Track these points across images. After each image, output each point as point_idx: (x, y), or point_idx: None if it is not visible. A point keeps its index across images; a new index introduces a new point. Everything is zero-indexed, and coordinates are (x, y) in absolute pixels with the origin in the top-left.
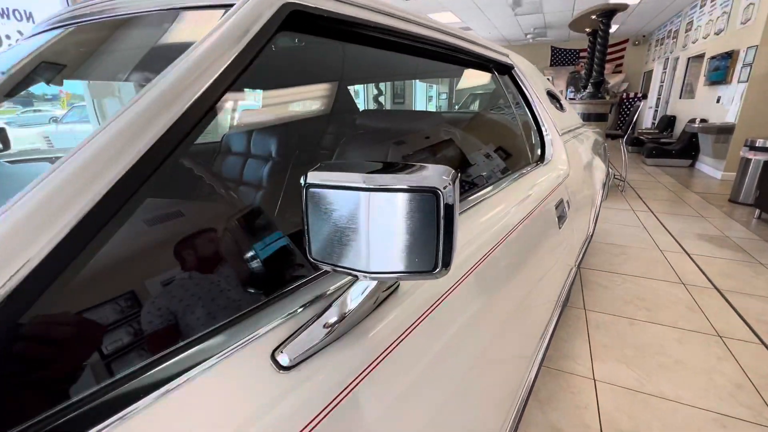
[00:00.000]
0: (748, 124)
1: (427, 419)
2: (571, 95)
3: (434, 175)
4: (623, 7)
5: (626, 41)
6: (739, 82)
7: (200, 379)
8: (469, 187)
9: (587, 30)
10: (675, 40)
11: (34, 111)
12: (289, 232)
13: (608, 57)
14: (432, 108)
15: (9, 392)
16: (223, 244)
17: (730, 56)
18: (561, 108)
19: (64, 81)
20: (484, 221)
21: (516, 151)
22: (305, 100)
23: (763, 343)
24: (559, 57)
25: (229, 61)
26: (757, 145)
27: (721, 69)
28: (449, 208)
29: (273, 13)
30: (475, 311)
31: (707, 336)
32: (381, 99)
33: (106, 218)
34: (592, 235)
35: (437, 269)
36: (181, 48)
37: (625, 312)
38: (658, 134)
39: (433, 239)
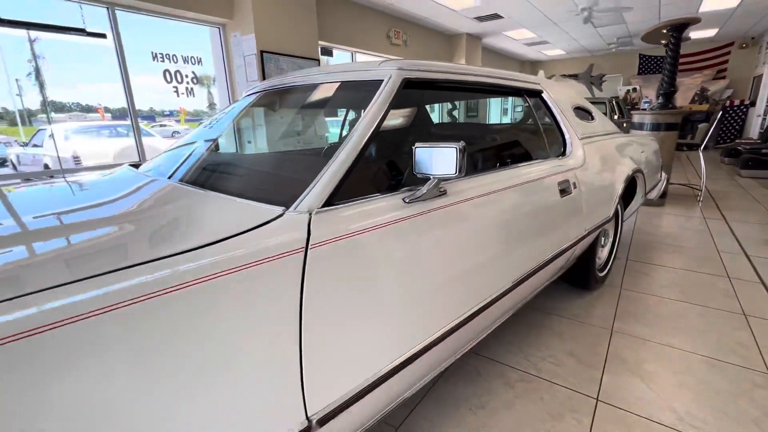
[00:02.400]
0: None
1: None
2: (645, 106)
3: (456, 144)
4: (695, 20)
5: (731, 44)
6: None
7: (385, 202)
8: (506, 162)
9: (663, 42)
10: None
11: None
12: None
13: (709, 62)
14: (507, 116)
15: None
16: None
17: None
18: (591, 119)
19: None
20: (508, 174)
21: (542, 147)
22: (410, 117)
23: None
24: (648, 65)
25: (387, 105)
26: None
27: None
28: (462, 153)
29: (399, 83)
30: (483, 212)
31: (732, 314)
32: (455, 113)
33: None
34: (612, 218)
35: (458, 173)
36: (361, 99)
37: (658, 293)
38: (759, 144)
39: (456, 162)
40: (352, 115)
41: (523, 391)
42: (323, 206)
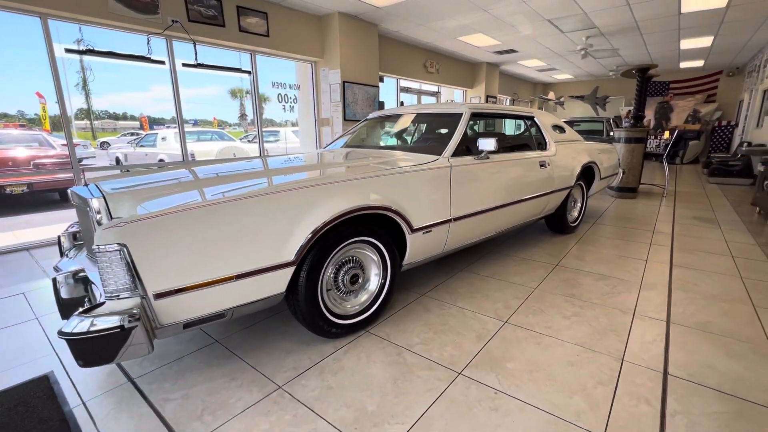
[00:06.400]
0: None
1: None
2: (626, 123)
3: (494, 137)
4: (653, 66)
5: (719, 73)
6: None
7: (467, 157)
8: (516, 149)
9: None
10: (758, 73)
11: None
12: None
13: (700, 87)
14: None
15: None
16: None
17: None
18: (563, 131)
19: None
20: (517, 154)
21: (532, 144)
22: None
23: (672, 248)
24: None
25: (466, 123)
26: None
27: None
28: (497, 142)
29: (470, 115)
30: (504, 167)
31: (643, 243)
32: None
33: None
34: (573, 186)
35: (495, 150)
36: (453, 121)
37: (606, 236)
38: (728, 157)
39: (494, 145)
40: (447, 127)
41: (521, 263)
42: (451, 156)
